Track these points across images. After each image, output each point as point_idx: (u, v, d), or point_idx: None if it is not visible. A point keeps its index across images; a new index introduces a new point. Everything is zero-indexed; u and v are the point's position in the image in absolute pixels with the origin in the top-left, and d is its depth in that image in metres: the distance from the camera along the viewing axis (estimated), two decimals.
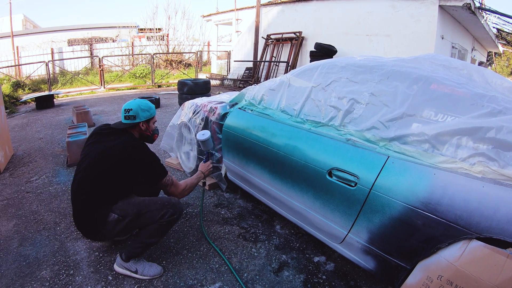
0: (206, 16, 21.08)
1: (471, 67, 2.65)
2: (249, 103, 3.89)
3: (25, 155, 6.20)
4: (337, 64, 3.05)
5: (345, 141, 2.62)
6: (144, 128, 2.98)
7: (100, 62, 16.90)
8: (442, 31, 10.70)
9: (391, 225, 2.18)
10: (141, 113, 2.91)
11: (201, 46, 24.62)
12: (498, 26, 16.03)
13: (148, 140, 3.10)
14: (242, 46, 18.26)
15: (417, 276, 1.97)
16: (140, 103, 2.94)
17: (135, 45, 22.77)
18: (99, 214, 2.65)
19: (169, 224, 2.81)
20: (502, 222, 1.70)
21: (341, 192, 2.50)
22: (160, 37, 23.42)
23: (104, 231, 2.68)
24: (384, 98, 2.51)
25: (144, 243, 2.77)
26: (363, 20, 11.99)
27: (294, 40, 14.58)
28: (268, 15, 16.05)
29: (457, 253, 1.80)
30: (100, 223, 2.66)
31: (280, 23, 15.45)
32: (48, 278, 2.77)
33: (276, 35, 15.40)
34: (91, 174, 2.67)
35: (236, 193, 4.47)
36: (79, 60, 19.43)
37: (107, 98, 13.63)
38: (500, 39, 18.83)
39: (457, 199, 1.88)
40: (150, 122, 3.03)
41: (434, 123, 2.17)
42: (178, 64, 22.18)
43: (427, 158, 2.12)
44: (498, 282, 1.60)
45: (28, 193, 4.44)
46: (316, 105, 3.02)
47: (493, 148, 1.89)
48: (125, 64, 20.90)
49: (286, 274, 2.92)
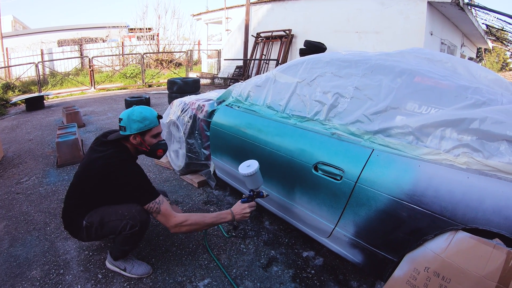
0: (196, 15, 21.03)
1: (455, 60, 2.65)
2: (236, 99, 3.88)
3: (15, 156, 6.15)
4: (322, 59, 3.05)
5: (330, 135, 2.62)
6: (136, 142, 2.65)
7: (90, 62, 16.77)
8: (431, 28, 10.72)
9: (377, 218, 2.18)
10: (132, 124, 2.57)
11: (191, 45, 24.58)
12: (487, 22, 16.11)
13: (147, 155, 2.81)
14: (232, 44, 18.24)
15: (404, 268, 1.97)
16: (132, 112, 2.60)
17: (125, 45, 22.68)
18: (76, 220, 2.62)
19: (133, 236, 2.60)
20: (487, 212, 1.70)
21: (327, 186, 2.50)
22: (150, 36, 23.35)
23: (81, 235, 2.66)
24: (368, 92, 2.51)
25: (120, 249, 2.73)
26: (352, 17, 12.00)
27: (284, 38, 14.57)
28: (258, 13, 16.03)
29: (443, 245, 1.81)
30: (76, 228, 2.64)
31: (269, 21, 15.44)
32: (38, 278, 2.76)
33: (266, 33, 15.39)
34: (77, 183, 2.63)
35: (225, 190, 4.46)
36: (69, 60, 19.30)
37: (97, 99, 13.55)
38: (489, 35, 18.91)
39: (442, 190, 1.88)
40: (146, 135, 2.66)
41: (418, 115, 2.18)
42: (168, 63, 22.11)
43: (411, 150, 2.12)
44: (484, 273, 1.61)
45: (18, 194, 4.41)
46: (301, 100, 3.01)
47: (477, 139, 1.90)
48: (116, 64, 20.83)
49: (275, 269, 2.92)
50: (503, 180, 1.75)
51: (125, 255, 2.80)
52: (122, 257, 2.80)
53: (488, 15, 14.13)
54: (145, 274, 2.80)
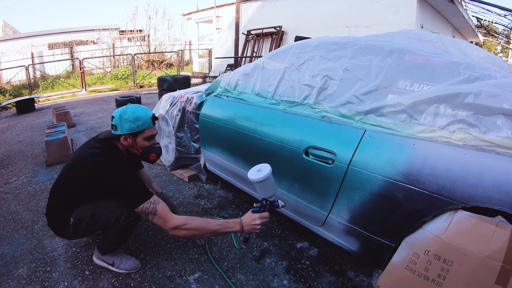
0: (187, 15, 20.99)
1: (446, 40, 2.59)
2: (225, 89, 3.80)
3: (4, 157, 6.07)
4: (310, 43, 2.99)
5: (320, 118, 2.55)
6: (127, 143, 2.51)
7: (80, 64, 16.66)
8: (422, 21, 10.71)
9: (372, 201, 2.11)
10: (123, 123, 2.42)
11: (182, 46, 24.51)
12: (477, 15, 16.13)
13: (138, 158, 2.71)
14: (223, 43, 18.21)
15: (403, 254, 1.88)
16: (125, 111, 2.45)
17: (116, 47, 22.58)
18: (61, 218, 2.52)
19: (128, 226, 2.52)
20: (488, 189, 1.63)
21: (319, 171, 2.42)
22: (141, 37, 23.26)
23: (67, 233, 2.57)
24: (358, 73, 2.44)
25: (112, 242, 2.64)
26: (342, 12, 11.97)
27: (274, 34, 14.54)
28: (248, 11, 16.00)
29: (443, 226, 1.73)
30: (62, 226, 2.54)
31: (260, 18, 15.41)
32: (24, 276, 2.69)
33: (257, 30, 15.36)
34: (61, 179, 2.54)
35: (217, 183, 4.39)
36: (60, 63, 19.11)
37: (88, 100, 13.46)
38: (480, 28, 18.96)
39: (438, 168, 1.81)
40: (138, 137, 2.50)
41: (411, 93, 2.11)
42: (159, 64, 22.03)
43: (405, 128, 2.05)
44: (488, 253, 1.52)
45: (7, 194, 4.34)
46: (290, 85, 2.95)
47: (473, 114, 1.83)
48: (107, 66, 20.71)
49: (268, 261, 2.84)
50: (502, 155, 1.67)
51: (115, 248, 2.71)
52: (112, 251, 2.70)
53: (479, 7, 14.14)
54: (134, 269, 2.71)
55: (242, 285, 2.57)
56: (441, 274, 1.66)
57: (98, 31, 24.25)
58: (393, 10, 10.58)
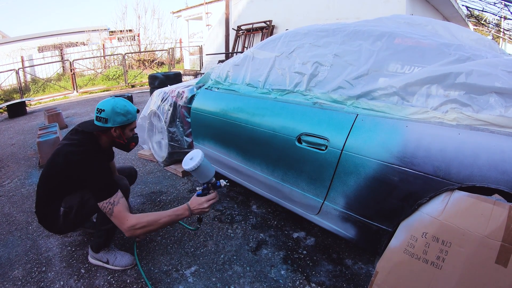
0: (176, 12, 20.86)
1: (435, 23, 2.59)
2: (215, 81, 3.77)
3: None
4: (299, 31, 2.98)
5: (311, 105, 2.53)
6: (116, 134, 2.61)
7: (71, 66, 16.58)
8: (412, 11, 10.69)
9: (367, 185, 2.09)
10: (115, 117, 2.51)
11: (173, 44, 24.44)
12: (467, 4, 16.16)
13: (122, 148, 2.78)
14: (213, 39, 18.13)
15: (401, 237, 1.86)
16: (116, 104, 2.53)
17: (106, 47, 22.48)
18: (51, 209, 2.54)
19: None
20: (483, 168, 1.62)
21: (312, 158, 2.40)
22: (131, 37, 23.18)
23: (58, 225, 2.56)
24: (349, 58, 2.43)
25: (103, 230, 2.62)
26: (332, 4, 11.92)
27: (264, 29, 14.49)
28: (238, 6, 15.94)
29: (439, 207, 1.71)
30: (52, 218, 2.55)
31: (250, 13, 15.35)
32: (20, 277, 2.67)
33: (247, 25, 15.30)
34: (45, 174, 2.55)
35: None
36: (50, 66, 18.96)
37: (80, 101, 13.44)
38: (470, 18, 19.00)
39: (433, 149, 1.80)
40: (126, 128, 2.64)
41: (402, 75, 2.09)
42: (150, 63, 21.97)
43: (397, 111, 2.03)
44: (487, 232, 1.50)
45: (0, 196, 4.31)
46: (280, 74, 2.93)
47: (465, 93, 1.81)
48: (97, 67, 20.63)
49: (265, 252, 2.83)
50: (496, 134, 1.66)
51: (108, 239, 2.68)
52: (105, 244, 2.69)
53: None
54: (129, 265, 2.69)
55: (239, 276, 2.56)
56: (440, 256, 1.65)
57: (88, 33, 24.17)
58: (383, 1, 10.56)
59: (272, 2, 14.18)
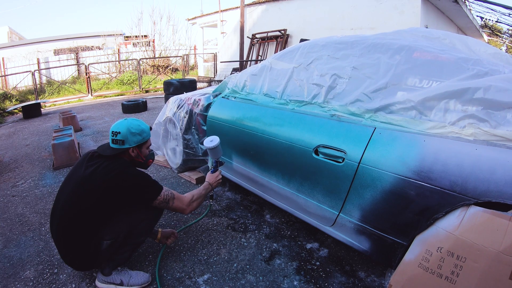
0: (191, 19, 20.99)
1: (453, 37, 2.59)
2: (232, 90, 3.80)
3: (11, 161, 6.12)
4: (317, 43, 2.99)
5: (329, 117, 2.55)
6: (135, 154, 2.60)
7: (86, 69, 16.74)
8: (426, 21, 10.68)
9: (383, 199, 2.10)
10: (131, 137, 2.52)
11: (187, 50, 24.54)
12: (481, 15, 16.06)
13: (141, 166, 2.73)
14: (228, 47, 18.19)
15: (416, 251, 1.87)
16: (130, 125, 2.53)
17: (121, 52, 22.65)
18: (91, 248, 2.37)
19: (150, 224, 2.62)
20: (500, 184, 1.62)
21: (329, 170, 2.42)
22: (146, 43, 23.31)
23: (100, 259, 2.44)
24: (367, 71, 2.44)
25: (129, 245, 2.51)
26: (347, 14, 11.94)
27: (279, 38, 14.52)
28: (253, 14, 15.99)
29: (455, 222, 1.71)
30: (94, 255, 2.40)
31: (264, 22, 15.39)
32: (32, 278, 2.69)
33: (261, 34, 15.34)
34: (70, 211, 2.33)
35: (225, 185, 4.39)
36: (65, 69, 19.21)
37: (94, 105, 13.53)
38: (484, 28, 18.88)
39: (450, 164, 1.80)
40: (142, 147, 2.65)
41: (420, 89, 2.10)
42: (165, 69, 22.06)
43: (415, 125, 2.04)
44: (502, 248, 1.51)
45: (14, 196, 4.37)
46: (298, 85, 2.94)
47: (482, 109, 1.82)
48: (112, 72, 20.78)
49: (278, 262, 2.83)
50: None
51: (132, 254, 2.59)
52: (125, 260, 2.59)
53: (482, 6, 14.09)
54: (146, 283, 2.59)
55: (252, 286, 2.56)
56: (454, 271, 1.65)
57: (104, 37, 24.38)
58: (398, 12, 10.55)
59: (287, 11, 14.22)
